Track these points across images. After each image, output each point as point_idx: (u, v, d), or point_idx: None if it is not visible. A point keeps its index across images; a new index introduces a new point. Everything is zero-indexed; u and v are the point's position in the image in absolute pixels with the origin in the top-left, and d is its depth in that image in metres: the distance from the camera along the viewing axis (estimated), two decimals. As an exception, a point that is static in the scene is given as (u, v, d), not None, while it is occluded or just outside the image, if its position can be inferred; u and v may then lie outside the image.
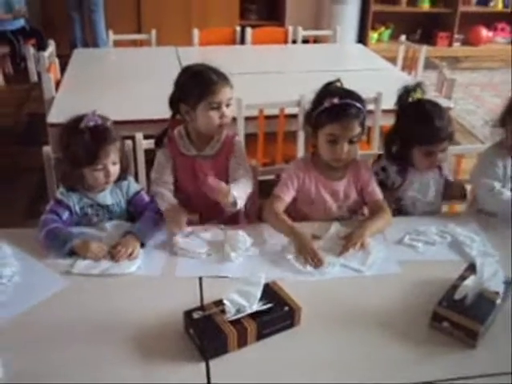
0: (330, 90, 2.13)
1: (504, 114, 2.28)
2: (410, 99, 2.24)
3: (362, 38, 6.95)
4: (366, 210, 2.29)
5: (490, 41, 7.48)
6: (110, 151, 1.98)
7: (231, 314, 1.53)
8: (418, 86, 2.26)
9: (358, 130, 2.07)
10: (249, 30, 4.68)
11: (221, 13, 6.31)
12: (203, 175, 2.18)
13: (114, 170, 2.03)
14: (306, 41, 5.00)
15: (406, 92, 2.25)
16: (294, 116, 3.01)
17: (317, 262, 1.88)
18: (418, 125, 2.18)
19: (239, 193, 2.02)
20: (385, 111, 3.07)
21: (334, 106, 2.05)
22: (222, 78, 2.12)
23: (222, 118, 2.13)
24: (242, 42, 4.78)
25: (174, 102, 2.17)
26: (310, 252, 1.90)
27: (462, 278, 1.73)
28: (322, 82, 2.19)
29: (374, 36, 7.28)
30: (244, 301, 1.54)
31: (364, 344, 1.60)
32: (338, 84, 2.17)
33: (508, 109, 2.27)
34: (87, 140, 1.94)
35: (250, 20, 6.79)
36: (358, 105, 2.08)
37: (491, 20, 7.58)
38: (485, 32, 7.41)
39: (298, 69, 3.94)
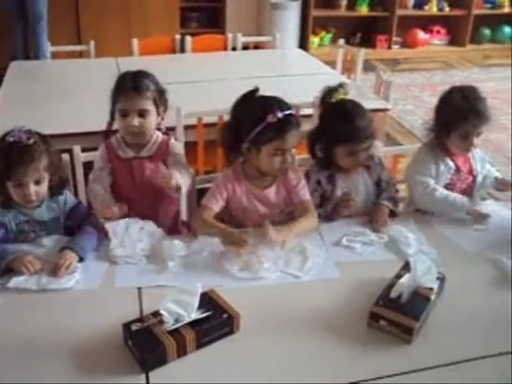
0: (265, 103, 2.10)
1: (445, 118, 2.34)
2: (333, 99, 2.26)
3: (303, 43, 7.02)
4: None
5: (427, 43, 7.67)
6: (28, 170, 1.91)
7: (170, 324, 1.53)
8: (341, 86, 2.29)
9: (296, 141, 2.10)
10: (188, 39, 4.67)
11: (161, 22, 6.28)
12: (140, 176, 2.25)
13: (37, 188, 1.96)
14: (246, 47, 5.02)
15: (328, 92, 2.28)
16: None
17: (241, 243, 1.92)
18: (340, 124, 2.20)
19: (181, 179, 2.09)
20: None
21: (279, 120, 2.04)
22: (136, 89, 2.18)
23: (131, 126, 2.19)
24: (183, 50, 4.77)
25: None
26: (236, 238, 1.95)
27: (398, 276, 1.78)
28: (263, 89, 2.18)
29: (315, 40, 7.37)
30: (182, 310, 1.54)
31: (304, 347, 1.61)
32: (257, 93, 2.16)
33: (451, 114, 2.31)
34: (6, 156, 1.90)
35: (191, 28, 6.78)
36: (296, 116, 2.12)
37: (427, 23, 7.77)
38: (422, 34, 7.59)
39: (237, 76, 3.95)
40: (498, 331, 1.72)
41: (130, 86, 2.17)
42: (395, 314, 1.64)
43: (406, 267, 1.81)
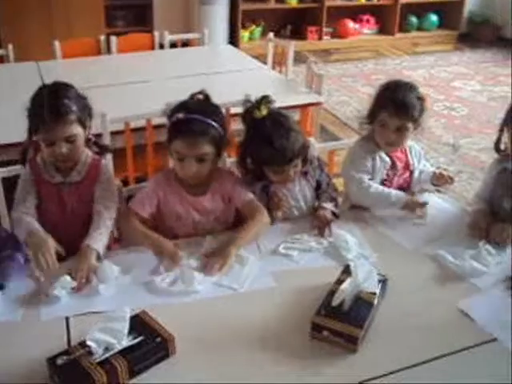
0: (182, 103, 2.04)
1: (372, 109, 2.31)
2: (257, 114, 2.13)
3: (233, 38, 6.93)
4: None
5: (357, 33, 7.70)
6: None
7: (99, 354, 1.42)
8: (264, 100, 2.14)
9: (207, 149, 1.98)
10: (114, 39, 4.50)
11: (85, 22, 6.04)
12: (70, 203, 2.07)
13: None
14: (174, 45, 4.89)
15: (250, 108, 2.15)
16: (164, 126, 2.90)
17: (174, 258, 1.84)
18: (261, 147, 2.10)
19: (99, 244, 1.91)
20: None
21: (179, 121, 1.97)
22: (58, 116, 1.94)
23: (59, 154, 1.98)
24: (109, 51, 4.60)
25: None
26: (168, 251, 1.87)
27: (339, 282, 1.71)
28: (190, 87, 2.12)
29: (245, 35, 7.28)
30: (111, 338, 1.44)
31: (245, 362, 1.54)
32: (201, 96, 2.07)
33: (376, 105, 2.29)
34: None
35: (118, 27, 6.57)
36: (209, 121, 1.98)
37: (357, 13, 7.80)
38: (352, 24, 7.62)
39: (165, 75, 3.83)
40: (444, 330, 1.69)
41: (49, 115, 1.91)
42: (338, 323, 1.58)
43: (347, 271, 1.76)
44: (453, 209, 2.39)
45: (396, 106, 2.22)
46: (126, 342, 1.45)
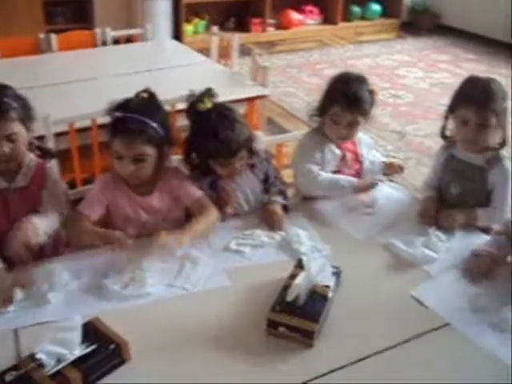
0: (123, 102, 1.99)
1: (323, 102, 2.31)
2: (201, 107, 2.10)
3: (177, 33, 6.84)
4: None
5: (301, 23, 7.70)
6: None
7: (50, 366, 1.37)
8: (207, 93, 2.12)
9: (145, 149, 1.94)
10: (53, 36, 4.37)
11: (23, 19, 5.84)
12: (16, 209, 1.98)
13: None
14: (117, 42, 4.78)
15: (194, 102, 2.13)
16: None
17: (122, 242, 1.83)
18: (206, 140, 2.08)
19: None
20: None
21: (117, 119, 1.94)
22: None
23: (1, 154, 1.89)
24: (49, 49, 4.46)
25: None
26: (115, 236, 1.84)
27: (292, 276, 1.70)
28: (135, 84, 2.07)
29: (189, 29, 7.20)
30: (62, 349, 1.39)
31: (201, 363, 1.52)
32: (145, 94, 2.03)
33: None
34: None
35: (57, 24, 6.37)
36: (147, 120, 1.94)
37: (300, 3, 7.79)
38: (295, 15, 7.62)
39: (110, 73, 3.75)
40: (399, 319, 1.71)
41: None
42: (294, 318, 1.57)
43: (300, 265, 1.75)
44: (403, 197, 2.41)
45: (348, 100, 2.22)
46: (79, 351, 1.41)
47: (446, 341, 1.64)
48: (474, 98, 2.10)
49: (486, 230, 2.16)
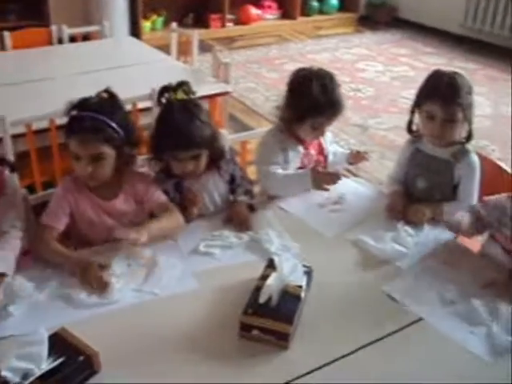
0: (80, 101, 1.92)
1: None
2: (173, 95, 2.05)
3: (134, 30, 6.73)
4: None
5: (260, 18, 7.67)
6: None
7: (16, 383, 1.31)
8: (183, 85, 2.08)
9: (102, 148, 1.88)
10: (7, 34, 4.24)
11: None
12: None
13: None
14: (73, 39, 4.67)
15: (163, 93, 2.08)
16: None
17: (101, 288, 1.71)
18: (168, 132, 2.02)
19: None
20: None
21: (72, 118, 1.89)
22: None
23: None
24: (2, 48, 4.33)
25: None
26: (93, 277, 1.73)
27: (264, 277, 1.67)
28: (94, 83, 2.01)
29: (147, 25, 7.09)
30: (28, 364, 1.33)
31: (175, 370, 1.48)
32: (105, 94, 1.97)
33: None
34: None
35: (10, 21, 6.20)
36: (103, 118, 1.87)
37: (258, -2, 7.79)
38: (254, 10, 7.58)
39: (67, 72, 3.64)
40: (372, 316, 1.70)
41: None
42: (267, 320, 1.54)
43: (271, 266, 1.72)
44: (369, 192, 2.41)
45: (335, 110, 2.22)
46: (46, 365, 1.35)
47: (419, 336, 1.64)
48: (439, 92, 2.10)
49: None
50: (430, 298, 1.77)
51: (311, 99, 2.18)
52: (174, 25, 4.49)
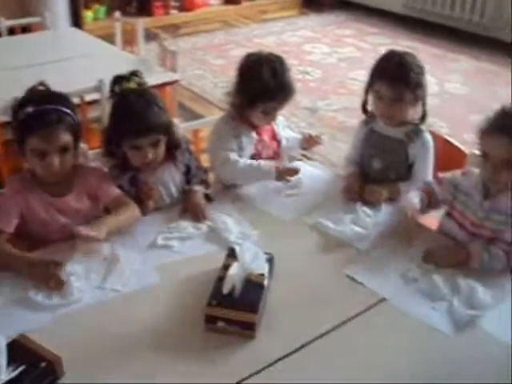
0: (25, 98, 1.86)
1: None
2: (126, 84, 2.01)
3: (76, 20, 6.55)
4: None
5: (204, 4, 7.58)
6: None
7: (-25, 394, 1.26)
8: (135, 74, 2.04)
9: (67, 137, 1.84)
10: None
11: None
12: None
13: None
14: (12, 32, 4.51)
15: (116, 83, 2.03)
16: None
17: (58, 286, 1.65)
18: (122, 119, 1.98)
19: None
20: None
21: (29, 116, 1.81)
22: None
23: None
24: None
25: None
26: (49, 276, 1.67)
27: (226, 267, 1.65)
28: (36, 78, 1.93)
29: (89, 15, 6.91)
30: (-14, 374, 1.28)
31: (141, 367, 1.45)
32: (41, 87, 1.90)
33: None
34: None
35: None
36: (62, 108, 1.83)
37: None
38: (198, -4, 7.51)
39: (8, 66, 3.50)
40: (336, 299, 1.71)
41: None
42: (232, 311, 1.52)
43: (232, 255, 1.70)
44: (325, 175, 2.41)
45: (286, 94, 2.20)
46: (6, 375, 1.30)
47: (384, 316, 1.65)
48: (388, 72, 2.11)
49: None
50: (392, 277, 1.78)
51: (262, 84, 2.15)
52: (117, 14, 4.38)
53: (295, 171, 2.22)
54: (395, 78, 2.09)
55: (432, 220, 2.13)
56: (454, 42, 6.41)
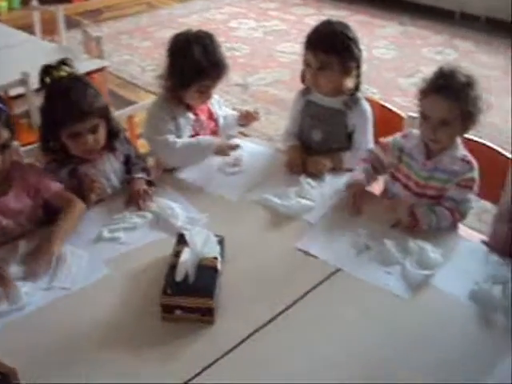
0: None
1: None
2: (56, 73, 1.94)
3: (-11, 11, 6.28)
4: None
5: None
6: None
7: None
8: (64, 62, 1.97)
9: (5, 134, 1.75)
10: None
11: None
12: None
13: None
14: None
15: (45, 73, 1.95)
16: None
17: (3, 287, 1.58)
18: (57, 104, 1.91)
19: None
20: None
21: None
22: None
23: None
24: None
25: None
26: None
27: (177, 253, 1.61)
28: None
29: (3, 5, 6.63)
30: None
31: (100, 366, 1.40)
32: None
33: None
34: None
35: None
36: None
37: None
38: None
39: None
40: (291, 275, 1.69)
41: None
42: (188, 298, 1.49)
43: (182, 241, 1.65)
44: (265, 150, 2.39)
45: (219, 71, 2.16)
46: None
47: (340, 286, 1.66)
48: (314, 41, 2.12)
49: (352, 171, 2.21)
50: (344, 246, 1.79)
51: (194, 63, 2.11)
52: (34, 2, 4.20)
53: (234, 147, 2.23)
54: (320, 46, 2.09)
55: (375, 185, 2.15)
56: (379, 9, 6.48)
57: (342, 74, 2.14)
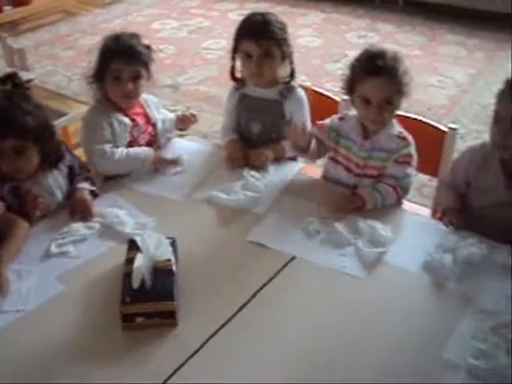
0: None
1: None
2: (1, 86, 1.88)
3: None
4: None
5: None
6: None
7: None
8: (12, 75, 1.91)
9: None
10: None
11: None
12: None
13: None
14: None
15: None
16: None
17: None
18: None
19: None
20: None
21: None
22: None
23: None
24: None
25: None
26: None
27: (130, 260, 1.59)
28: None
29: None
30: None
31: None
32: None
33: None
34: None
35: None
36: None
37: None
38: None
39: None
40: (246, 268, 1.70)
41: None
42: (148, 304, 1.47)
43: (133, 247, 1.63)
44: (204, 147, 2.38)
45: (123, 57, 2.12)
46: None
47: (297, 274, 1.67)
48: (252, 29, 2.13)
49: (294, 159, 2.23)
50: (295, 234, 1.81)
51: (104, 49, 2.13)
52: None
53: (172, 163, 2.19)
54: (260, 33, 2.11)
55: (315, 170, 2.18)
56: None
57: (282, 61, 2.16)
